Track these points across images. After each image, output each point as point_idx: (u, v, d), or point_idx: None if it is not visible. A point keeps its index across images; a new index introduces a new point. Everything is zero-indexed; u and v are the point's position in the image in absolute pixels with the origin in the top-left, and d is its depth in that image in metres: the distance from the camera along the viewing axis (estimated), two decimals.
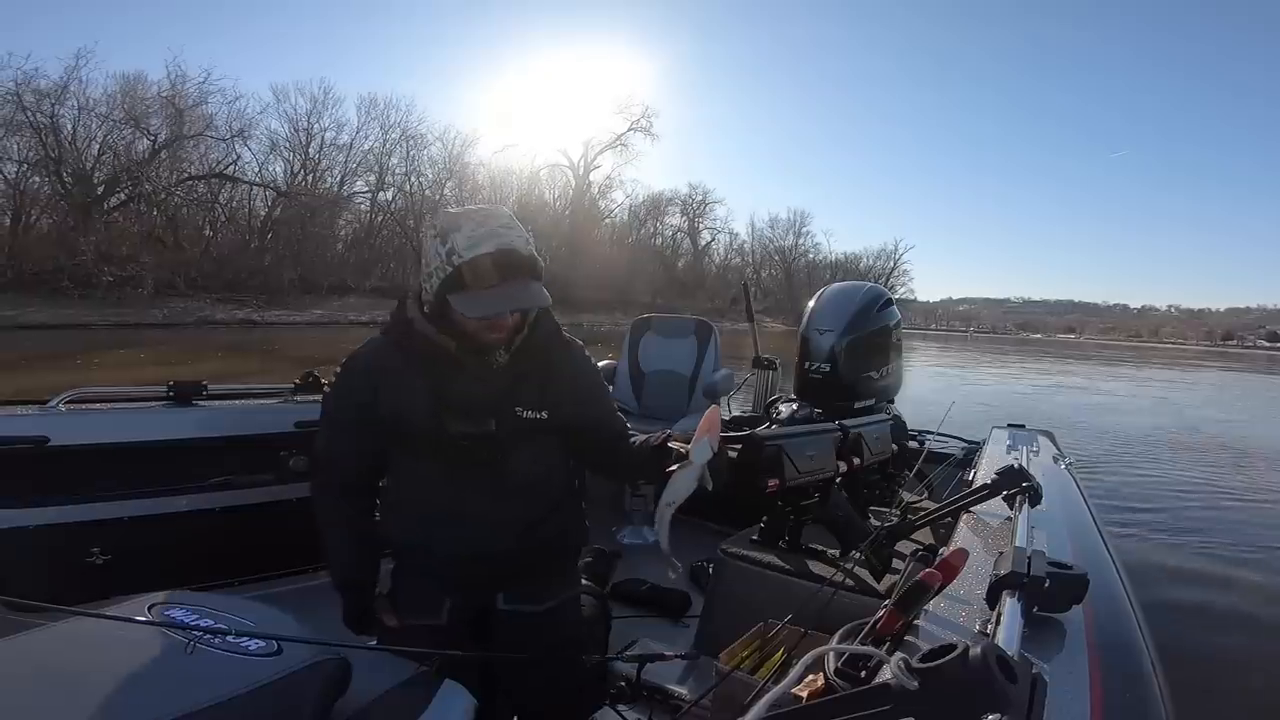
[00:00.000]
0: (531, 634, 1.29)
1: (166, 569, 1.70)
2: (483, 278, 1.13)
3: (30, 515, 1.70)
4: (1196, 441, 9.39)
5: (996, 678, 0.53)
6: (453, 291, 1.14)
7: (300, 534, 2.12)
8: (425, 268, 1.19)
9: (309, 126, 29.80)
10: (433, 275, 1.16)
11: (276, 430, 2.08)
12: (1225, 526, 5.21)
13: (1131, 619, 1.03)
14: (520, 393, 1.24)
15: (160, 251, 22.36)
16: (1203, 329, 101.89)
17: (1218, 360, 42.76)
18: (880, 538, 1.47)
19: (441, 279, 1.15)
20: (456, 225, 1.15)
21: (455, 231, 1.14)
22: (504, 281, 1.14)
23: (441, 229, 1.16)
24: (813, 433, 1.92)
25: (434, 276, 1.16)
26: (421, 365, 1.22)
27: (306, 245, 27.50)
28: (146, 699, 0.71)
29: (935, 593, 0.81)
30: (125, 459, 1.85)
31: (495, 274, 1.13)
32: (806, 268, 54.37)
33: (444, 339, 1.21)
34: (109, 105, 24.19)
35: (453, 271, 1.13)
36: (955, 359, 26.37)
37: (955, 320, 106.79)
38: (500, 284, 1.14)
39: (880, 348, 3.00)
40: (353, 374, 1.26)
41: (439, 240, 1.15)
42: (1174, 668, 0.95)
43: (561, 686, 1.30)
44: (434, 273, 1.16)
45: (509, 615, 1.30)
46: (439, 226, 1.17)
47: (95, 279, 19.80)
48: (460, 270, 1.13)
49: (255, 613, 0.90)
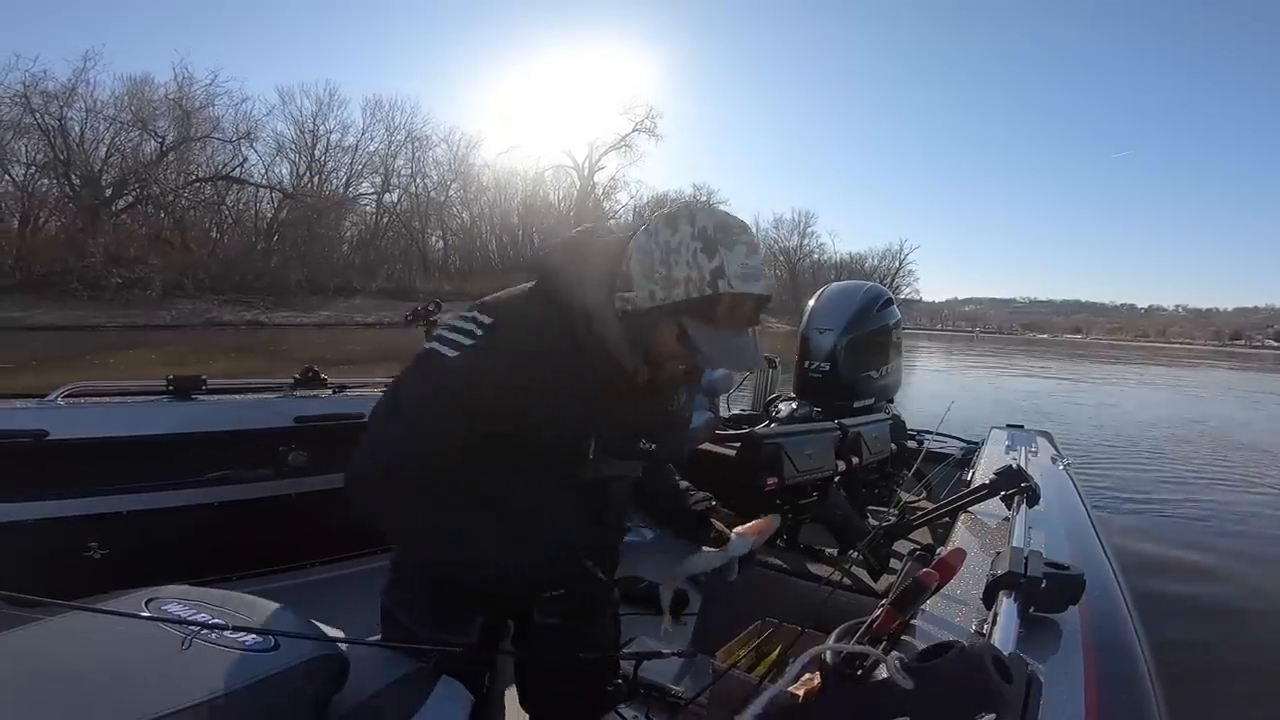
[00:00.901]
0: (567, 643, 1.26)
1: (164, 563, 1.71)
2: (737, 319, 0.91)
3: (28, 509, 1.70)
4: (1197, 441, 9.35)
5: (992, 677, 0.53)
6: (697, 317, 0.90)
7: (299, 529, 2.15)
8: (655, 267, 0.90)
9: (314, 128, 30.11)
10: (676, 286, 0.89)
11: (276, 425, 2.08)
12: (1224, 527, 5.20)
13: (1127, 620, 1.03)
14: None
15: (168, 253, 22.53)
16: (1210, 329, 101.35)
17: (1225, 360, 42.49)
18: (878, 537, 1.47)
19: (692, 296, 0.89)
20: (730, 241, 0.89)
21: (728, 249, 0.89)
22: (746, 331, 0.95)
23: (710, 236, 0.89)
24: (812, 432, 1.93)
25: (678, 288, 0.89)
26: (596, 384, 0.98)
27: (313, 247, 27.66)
28: (143, 693, 0.71)
29: (932, 592, 0.81)
30: (124, 453, 1.85)
31: (747, 321, 0.93)
32: (811, 268, 54.35)
33: (637, 363, 0.98)
34: (116, 107, 24.52)
35: (711, 296, 0.88)
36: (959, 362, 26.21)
37: (961, 321, 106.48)
38: (743, 332, 0.94)
39: (880, 347, 3.00)
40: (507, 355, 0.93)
41: (702, 248, 0.89)
42: (1169, 668, 0.95)
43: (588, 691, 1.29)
44: (680, 283, 0.89)
45: (546, 629, 1.20)
46: (706, 230, 0.90)
47: (104, 281, 19.97)
48: (720, 299, 0.89)
49: (253, 608, 0.90)
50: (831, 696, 0.59)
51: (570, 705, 1.26)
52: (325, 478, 2.15)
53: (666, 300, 0.90)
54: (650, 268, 0.91)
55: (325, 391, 2.28)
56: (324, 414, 2.18)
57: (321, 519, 2.12)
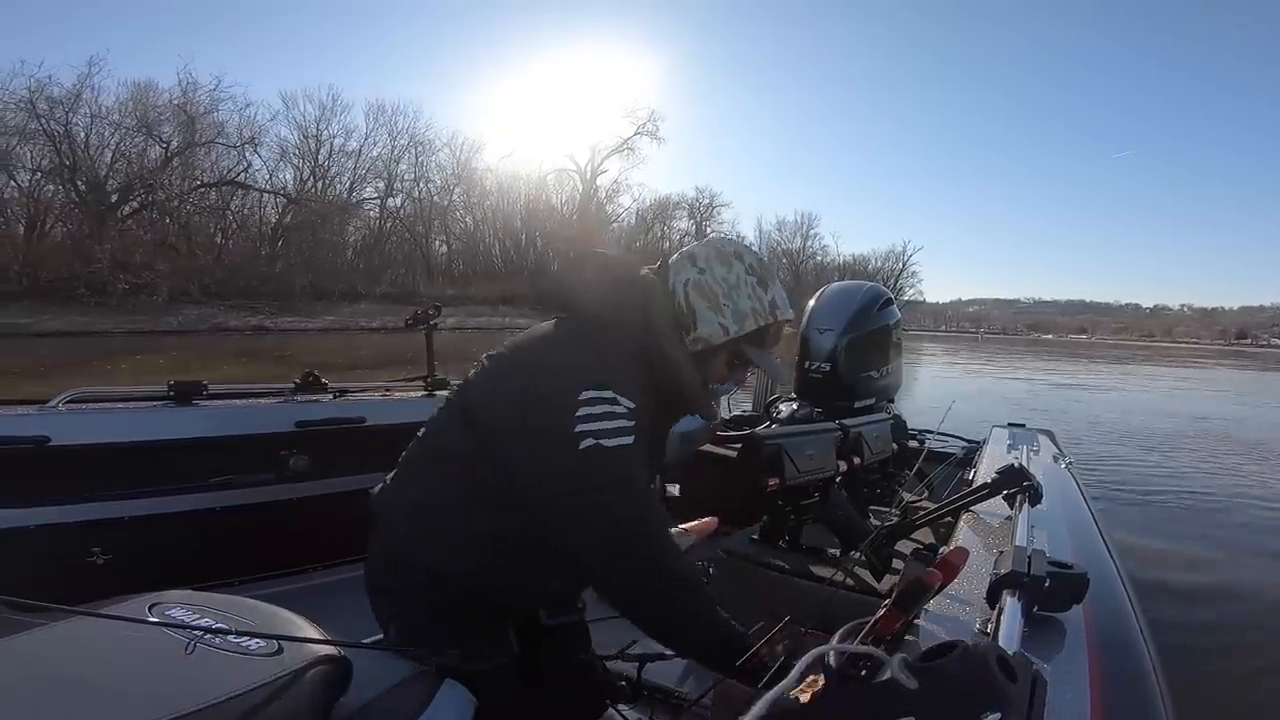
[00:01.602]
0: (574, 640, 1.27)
1: (167, 568, 1.71)
2: (778, 339, 1.08)
3: (31, 515, 1.71)
4: (1199, 439, 9.30)
5: (996, 677, 0.53)
6: (754, 343, 1.06)
7: (300, 534, 2.16)
8: (721, 303, 1.03)
9: (318, 133, 30.26)
10: (746, 319, 1.03)
11: (277, 430, 2.09)
12: (1227, 525, 5.17)
13: (1132, 618, 1.03)
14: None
15: (174, 259, 22.64)
16: (1216, 328, 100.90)
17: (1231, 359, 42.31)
18: (880, 537, 1.47)
19: (756, 327, 1.04)
20: (770, 277, 1.06)
21: (772, 282, 1.06)
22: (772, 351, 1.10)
23: (760, 272, 1.05)
24: (813, 432, 1.93)
25: (749, 320, 1.03)
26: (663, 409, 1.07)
27: (317, 252, 27.77)
28: (147, 698, 0.72)
29: (935, 592, 0.81)
30: (126, 459, 1.86)
31: (781, 340, 1.10)
32: (815, 270, 54.22)
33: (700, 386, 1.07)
34: (121, 113, 24.65)
35: (768, 325, 1.05)
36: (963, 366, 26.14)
37: (965, 321, 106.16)
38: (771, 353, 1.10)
39: (880, 347, 3.00)
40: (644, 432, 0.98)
41: (757, 283, 1.04)
42: (1174, 667, 0.95)
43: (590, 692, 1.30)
44: (750, 315, 1.03)
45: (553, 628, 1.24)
46: (754, 267, 1.05)
47: (110, 286, 20.07)
48: (773, 326, 1.05)
49: (255, 612, 0.90)
50: (835, 697, 0.59)
51: (573, 707, 1.26)
52: (326, 482, 2.16)
53: (740, 333, 1.03)
54: (716, 304, 1.03)
55: (326, 396, 2.29)
56: (325, 419, 2.19)
57: (323, 523, 2.13)
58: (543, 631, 1.22)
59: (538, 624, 1.22)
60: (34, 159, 22.56)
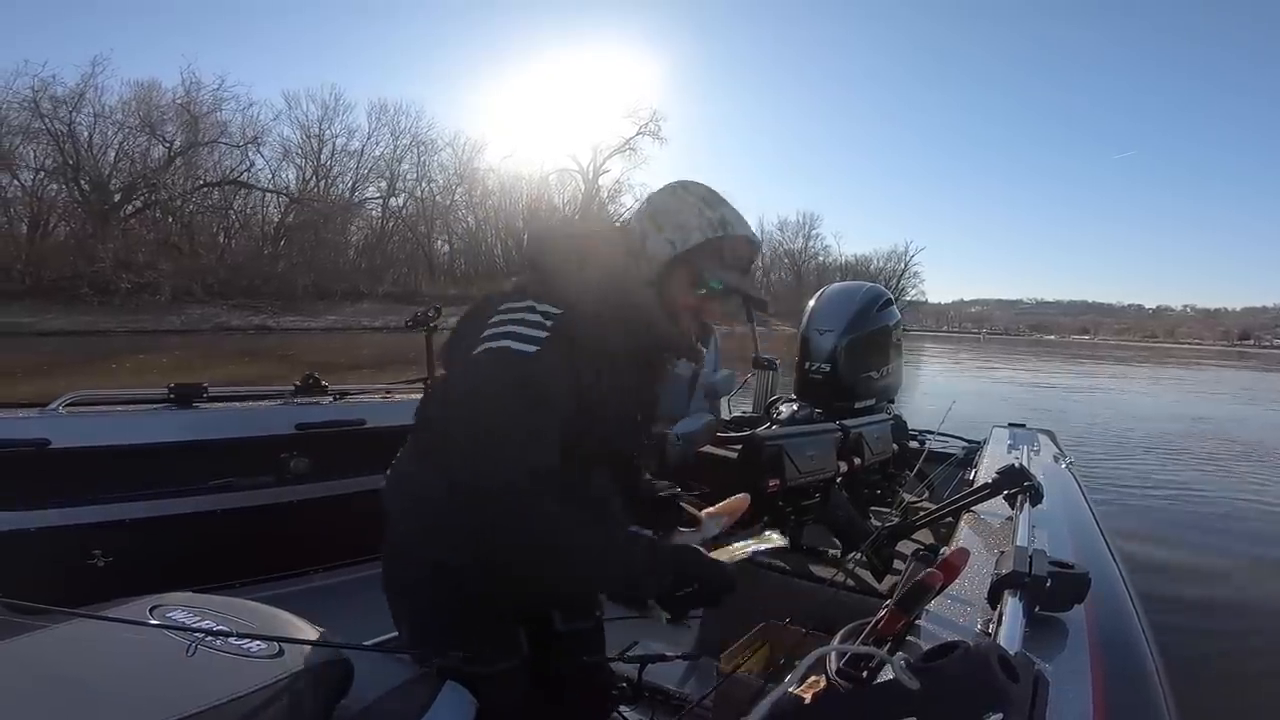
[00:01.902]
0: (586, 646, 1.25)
1: (168, 571, 1.71)
2: (740, 261, 1.03)
3: (31, 518, 1.71)
4: (1200, 438, 9.28)
5: (998, 677, 0.53)
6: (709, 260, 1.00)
7: (301, 536, 2.16)
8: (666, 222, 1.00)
9: (320, 133, 30.28)
10: (691, 232, 0.99)
11: (277, 432, 2.09)
12: (1228, 524, 5.16)
13: (1133, 618, 1.03)
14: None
15: (177, 258, 22.68)
16: (1219, 328, 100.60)
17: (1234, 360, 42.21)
18: (881, 537, 1.47)
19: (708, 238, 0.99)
20: (718, 200, 1.03)
21: (721, 205, 1.02)
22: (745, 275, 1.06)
23: (703, 196, 1.03)
24: (813, 433, 1.93)
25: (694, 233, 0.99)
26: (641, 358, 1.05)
27: (319, 251, 27.79)
28: (148, 701, 0.72)
29: (937, 592, 0.80)
30: (126, 461, 1.86)
31: (747, 263, 1.05)
32: (816, 270, 54.12)
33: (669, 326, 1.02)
34: (124, 112, 24.71)
35: (721, 238, 0.99)
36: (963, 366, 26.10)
37: (967, 322, 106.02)
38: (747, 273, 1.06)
39: (880, 347, 3.00)
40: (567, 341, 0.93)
41: (704, 204, 1.01)
42: (1176, 666, 0.95)
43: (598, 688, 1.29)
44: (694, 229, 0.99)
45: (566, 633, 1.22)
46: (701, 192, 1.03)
47: (113, 286, 20.12)
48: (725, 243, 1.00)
49: (256, 614, 0.91)
50: (836, 698, 0.59)
51: (576, 709, 1.25)
52: (327, 484, 2.16)
53: (684, 246, 0.98)
54: (662, 224, 1.00)
55: (326, 398, 2.29)
56: (325, 421, 2.19)
57: (324, 525, 2.14)
58: (555, 636, 1.20)
59: (551, 628, 1.19)
60: (37, 158, 22.66)
